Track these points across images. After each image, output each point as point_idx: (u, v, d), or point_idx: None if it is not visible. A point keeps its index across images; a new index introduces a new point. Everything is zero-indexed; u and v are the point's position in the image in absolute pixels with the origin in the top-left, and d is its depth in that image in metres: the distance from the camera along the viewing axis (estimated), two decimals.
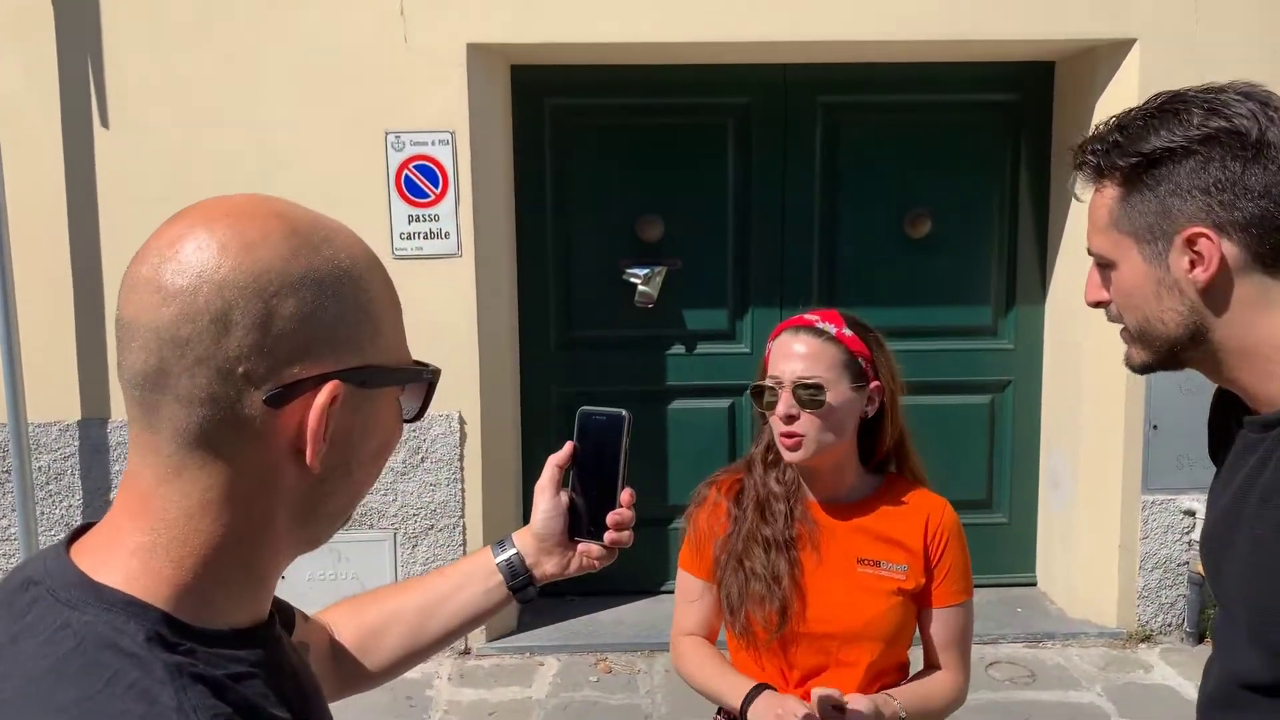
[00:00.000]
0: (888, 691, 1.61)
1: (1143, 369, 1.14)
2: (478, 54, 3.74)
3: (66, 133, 3.67)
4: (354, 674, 1.07)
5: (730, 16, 3.72)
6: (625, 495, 1.08)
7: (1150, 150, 1.03)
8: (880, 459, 1.70)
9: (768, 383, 1.62)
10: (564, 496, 1.10)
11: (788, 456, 1.61)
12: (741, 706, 1.57)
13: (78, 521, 3.81)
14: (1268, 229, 1.00)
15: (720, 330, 4.31)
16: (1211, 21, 3.76)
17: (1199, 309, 1.04)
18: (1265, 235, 1.00)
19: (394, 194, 3.73)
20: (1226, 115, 1.01)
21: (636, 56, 3.98)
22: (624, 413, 1.08)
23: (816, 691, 1.50)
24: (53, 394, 3.75)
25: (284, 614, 0.93)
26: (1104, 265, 1.11)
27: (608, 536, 1.08)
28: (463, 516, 3.93)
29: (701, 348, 4.33)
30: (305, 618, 1.01)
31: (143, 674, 0.61)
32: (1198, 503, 3.98)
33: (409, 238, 3.75)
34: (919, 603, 1.66)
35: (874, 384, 1.63)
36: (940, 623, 1.67)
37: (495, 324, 3.96)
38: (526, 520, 1.14)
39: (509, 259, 4.08)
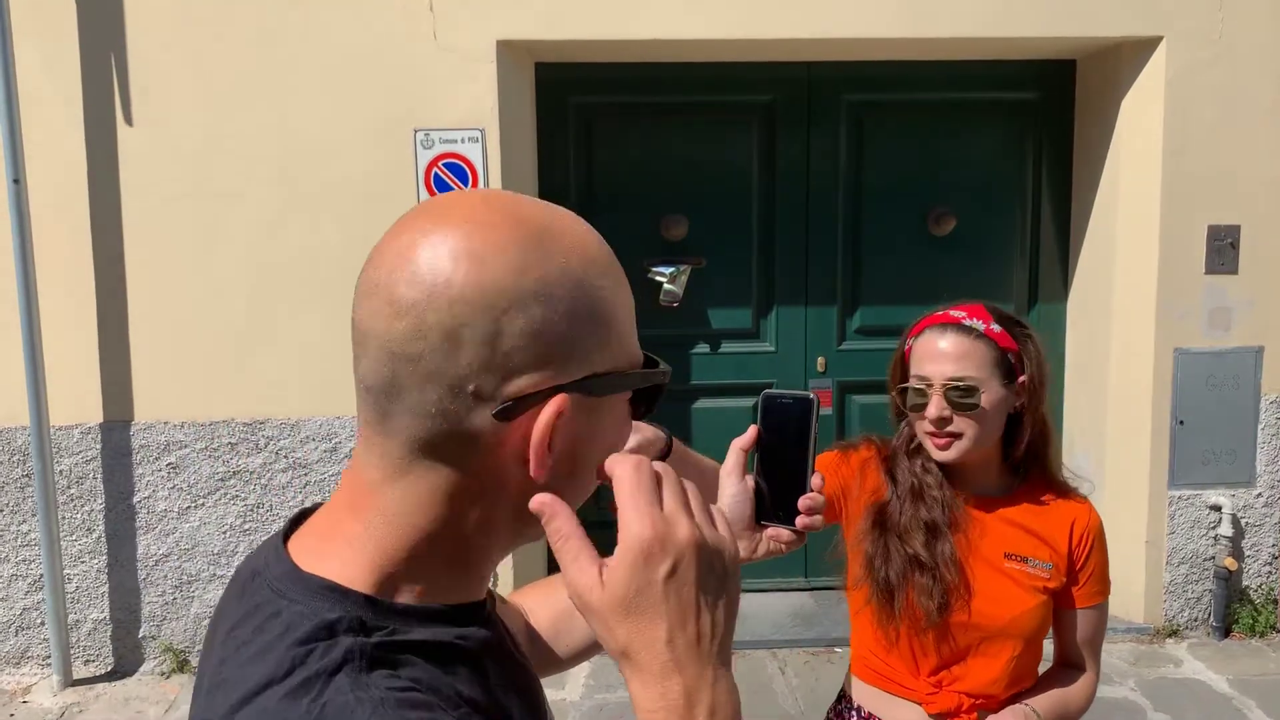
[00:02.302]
0: (1028, 703, 1.59)
1: None
2: (507, 51, 3.71)
3: (89, 128, 3.61)
4: (546, 659, 1.05)
5: (756, 14, 3.71)
6: (816, 479, 1.05)
7: None
8: (1021, 456, 1.64)
9: (914, 384, 1.56)
10: (749, 481, 1.08)
11: (938, 456, 1.57)
12: None
13: (100, 527, 3.76)
14: None
15: (745, 329, 4.29)
16: (1237, 19, 3.79)
17: None
18: None
19: (423, 192, 3.69)
20: None
21: (662, 54, 3.96)
22: (813, 395, 1.05)
23: None
24: (75, 396, 3.68)
25: None
26: None
27: (800, 521, 1.05)
28: None
29: (726, 346, 4.31)
30: (502, 600, 0.98)
31: (326, 657, 0.61)
32: (1224, 498, 4.00)
33: None
34: (1058, 602, 1.63)
35: (1021, 379, 1.58)
36: (1081, 623, 1.64)
37: None
38: None
39: None
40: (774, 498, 1.06)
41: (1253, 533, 4.07)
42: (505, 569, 3.82)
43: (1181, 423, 3.98)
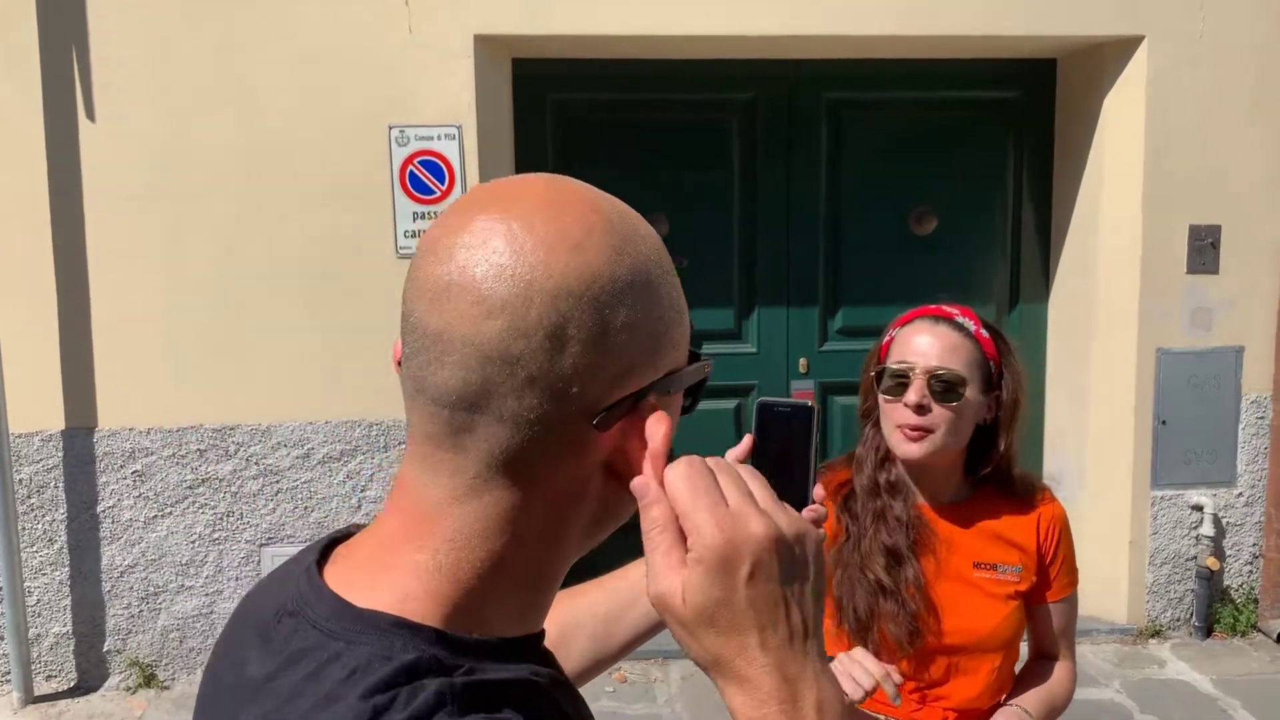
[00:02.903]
0: (1017, 703, 1.55)
1: None
2: (484, 46, 3.62)
3: (49, 126, 3.47)
4: (593, 667, 1.01)
5: (736, 11, 3.65)
6: (818, 491, 1.00)
7: None
8: (983, 472, 1.60)
9: (896, 366, 1.51)
10: None
11: (905, 449, 1.51)
12: None
13: (62, 538, 3.63)
14: None
15: (727, 330, 4.23)
16: (1218, 19, 3.78)
17: None
18: None
19: (398, 190, 3.59)
20: None
21: (641, 51, 3.89)
22: (811, 404, 0.99)
23: None
24: (35, 402, 3.55)
25: None
26: None
27: None
28: None
29: (708, 347, 4.25)
30: None
31: (413, 703, 0.54)
32: (1205, 497, 4.00)
33: (414, 236, 3.61)
34: (1030, 599, 1.60)
35: (996, 392, 1.55)
36: (1054, 616, 1.63)
37: None
38: None
39: None
40: None
41: (1234, 532, 4.07)
42: None
43: (1164, 423, 3.98)
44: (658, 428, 0.61)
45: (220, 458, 3.65)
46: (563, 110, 4.08)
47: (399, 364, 0.64)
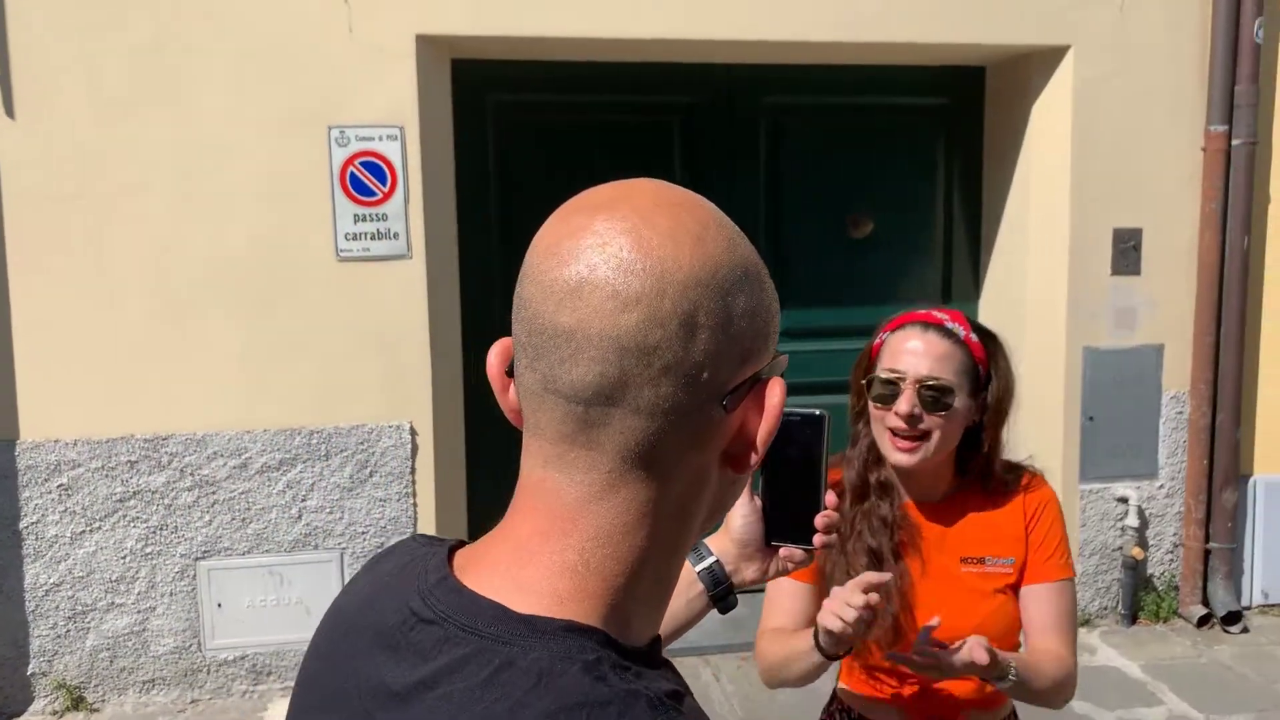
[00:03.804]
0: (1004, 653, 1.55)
1: None
2: (426, 46, 3.57)
3: None
4: None
5: (676, 15, 3.66)
6: (830, 497, 1.04)
7: None
8: (971, 468, 1.62)
9: (886, 375, 1.52)
10: (758, 501, 1.07)
11: (896, 458, 1.52)
12: (815, 643, 1.46)
13: None
14: None
15: None
16: (1139, 31, 3.94)
17: None
18: None
19: (339, 192, 3.51)
20: None
21: (582, 53, 3.88)
22: (823, 413, 1.02)
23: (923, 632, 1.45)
24: None
25: None
26: None
27: (817, 539, 1.04)
28: (412, 535, 3.73)
29: None
30: None
31: (627, 707, 0.55)
32: (1130, 490, 4.17)
33: (355, 238, 3.54)
34: (1023, 582, 1.59)
35: (983, 395, 1.57)
36: (1043, 600, 1.57)
37: (446, 329, 3.78)
38: (477, 535, 1.08)
39: (456, 261, 3.91)
40: (786, 517, 1.05)
41: (1156, 522, 4.25)
42: None
43: (1091, 419, 4.13)
44: (774, 391, 0.64)
45: (153, 469, 3.51)
46: (503, 112, 4.04)
47: (508, 371, 0.65)
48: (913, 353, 1.51)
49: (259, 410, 3.56)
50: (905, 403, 1.50)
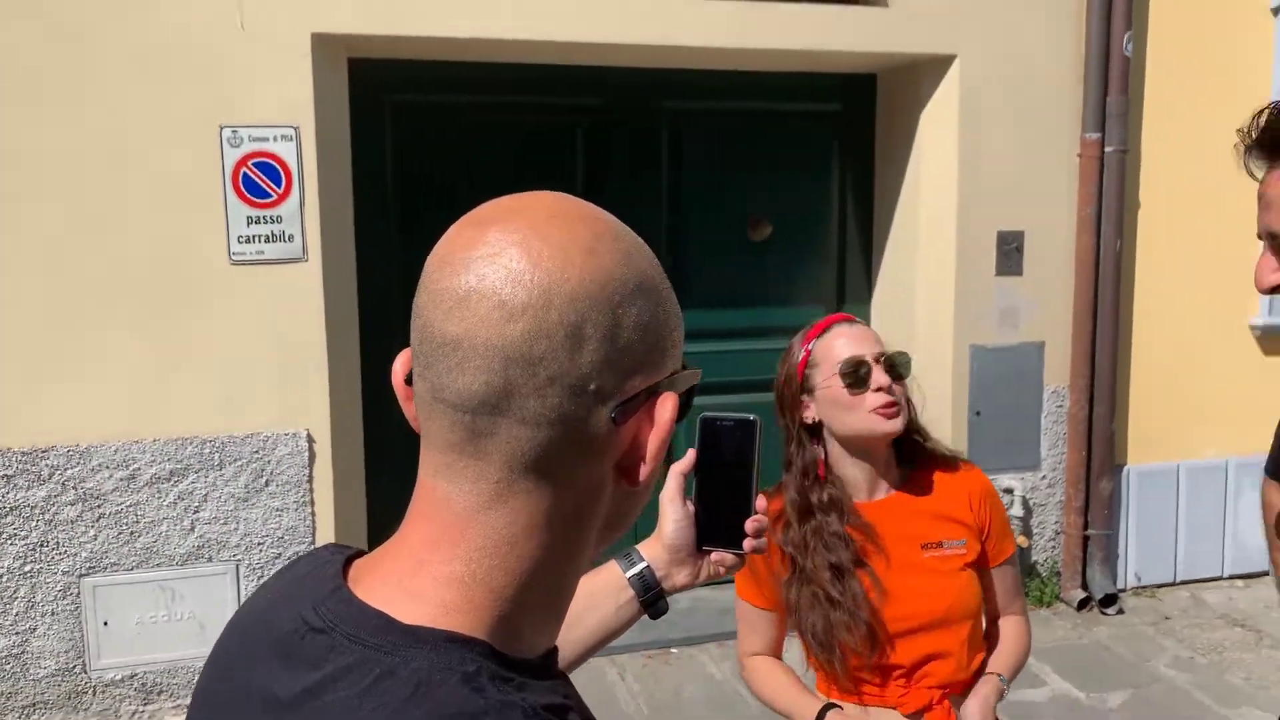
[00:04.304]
0: (990, 671, 1.68)
1: None
2: (322, 44, 3.49)
3: None
4: None
5: (576, 18, 3.67)
6: (760, 501, 1.06)
7: None
8: (913, 457, 1.74)
9: (848, 363, 1.60)
10: (690, 505, 1.08)
11: (887, 427, 1.61)
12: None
13: None
14: None
15: None
16: (1022, 41, 4.13)
17: None
18: None
19: (231, 194, 3.40)
20: None
21: (483, 54, 3.85)
22: (754, 417, 1.05)
23: None
24: None
25: None
26: None
27: (747, 543, 1.05)
28: (313, 543, 3.65)
29: None
30: None
31: (501, 719, 0.56)
32: (1015, 481, 4.36)
33: (248, 241, 3.44)
34: (976, 568, 1.72)
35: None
36: (1000, 579, 1.75)
37: (344, 334, 3.71)
38: (378, 543, 1.10)
39: (353, 265, 3.83)
40: (717, 521, 1.06)
41: (1039, 512, 4.46)
42: None
43: (978, 414, 4.30)
44: (665, 405, 0.64)
45: (32, 483, 3.34)
46: (402, 112, 3.98)
47: (406, 380, 0.66)
48: (857, 339, 1.63)
49: (148, 419, 3.43)
50: (880, 376, 1.60)
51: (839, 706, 1.62)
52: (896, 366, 1.63)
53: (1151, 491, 4.56)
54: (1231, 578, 4.69)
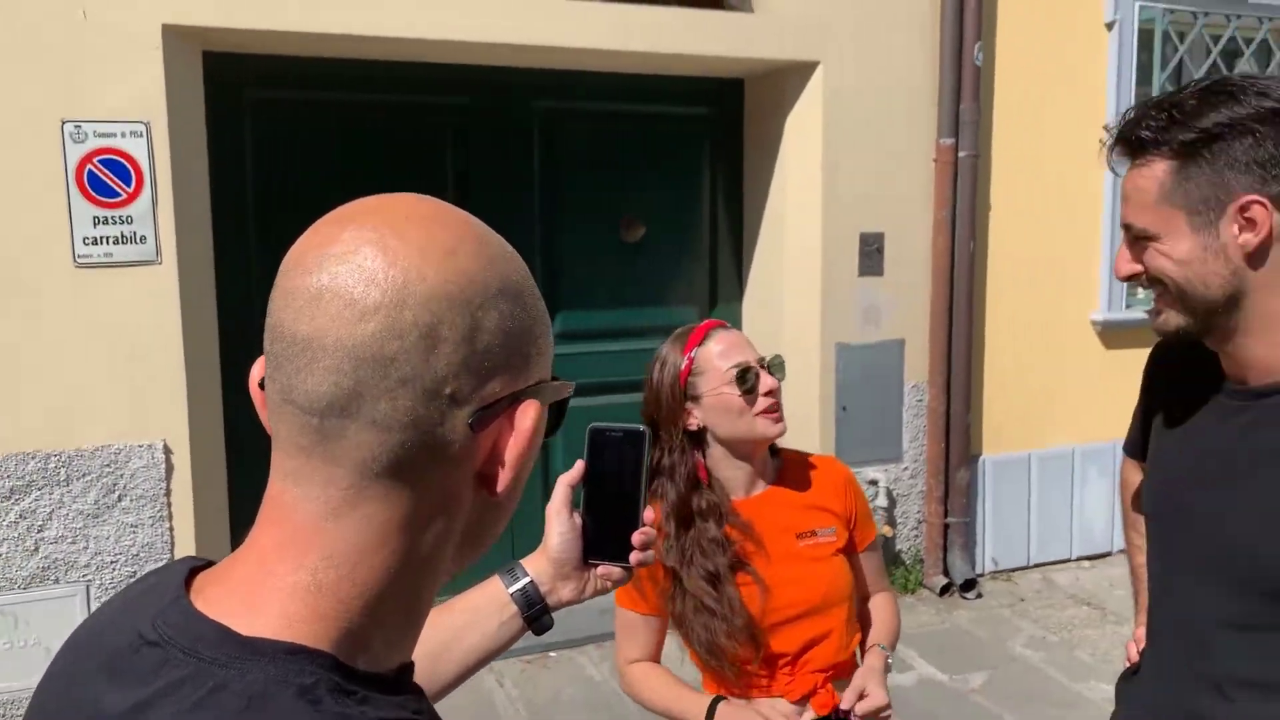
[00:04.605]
0: (872, 644, 1.75)
1: (1175, 334, 1.24)
2: (174, 37, 3.33)
3: None
4: None
5: (445, 16, 3.61)
6: (648, 513, 1.06)
7: (1213, 125, 1.14)
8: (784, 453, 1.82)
9: (737, 368, 1.64)
10: (577, 518, 1.06)
11: (777, 429, 1.67)
12: None
13: None
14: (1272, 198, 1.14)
15: None
16: (879, 49, 4.28)
17: (1241, 272, 1.17)
18: (1268, 205, 1.14)
19: (75, 192, 3.21)
20: (1276, 98, 1.14)
21: (347, 50, 3.75)
22: (644, 429, 1.05)
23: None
24: None
25: None
26: (1143, 238, 1.21)
27: (634, 556, 1.04)
28: (172, 559, 3.48)
29: None
30: None
31: None
32: (879, 473, 4.52)
33: (95, 242, 3.25)
34: (846, 554, 1.79)
35: None
36: (867, 562, 1.83)
37: (201, 340, 3.54)
38: None
39: (211, 267, 3.67)
40: (605, 534, 1.05)
41: (902, 502, 4.64)
42: None
43: (844, 409, 4.44)
44: (526, 414, 0.62)
45: None
46: (263, 109, 3.84)
47: (260, 385, 0.63)
48: (739, 345, 1.68)
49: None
50: (769, 379, 1.66)
51: (726, 699, 1.65)
52: (777, 369, 1.68)
53: (1005, 480, 4.81)
54: (1079, 559, 4.98)
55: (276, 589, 0.58)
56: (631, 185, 4.43)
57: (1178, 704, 1.30)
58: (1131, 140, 1.20)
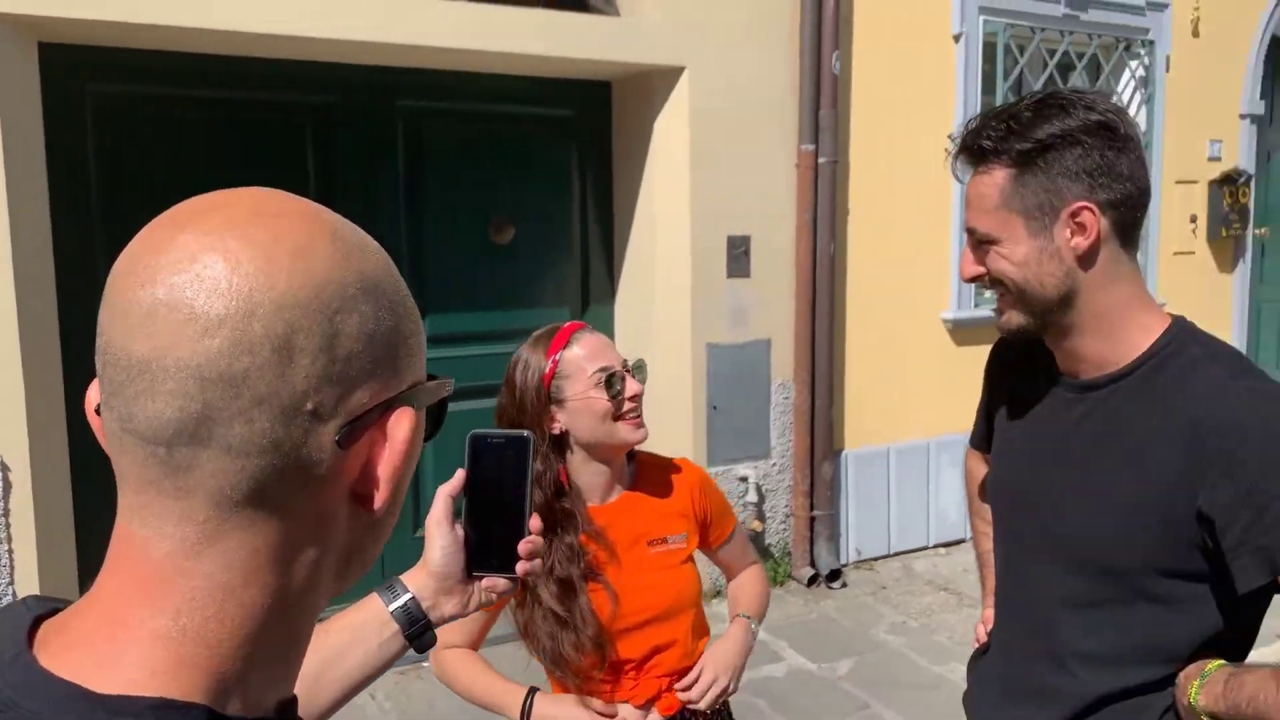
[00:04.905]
0: (740, 612, 1.80)
1: (1017, 332, 1.31)
2: (6, 26, 3.12)
3: None
4: None
5: (299, 11, 3.50)
6: (534, 522, 1.03)
7: (1046, 136, 1.22)
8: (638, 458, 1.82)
9: (603, 373, 1.63)
10: (459, 529, 1.02)
11: (640, 434, 1.67)
12: (523, 715, 1.62)
13: None
14: (1129, 207, 1.24)
15: None
16: (741, 56, 4.38)
17: (1074, 273, 1.25)
18: (1127, 212, 1.24)
19: None
20: (1100, 111, 1.23)
21: (200, 45, 3.59)
22: (527, 433, 1.01)
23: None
24: None
25: None
26: (985, 242, 1.28)
27: (521, 567, 1.01)
28: (12, 584, 3.26)
29: None
30: None
31: None
32: (749, 469, 4.64)
33: None
34: (707, 548, 1.84)
35: None
36: (729, 550, 1.89)
37: (41, 349, 3.33)
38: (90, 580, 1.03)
39: (51, 273, 3.46)
40: (489, 545, 1.02)
41: (771, 497, 4.76)
42: None
43: (715, 408, 4.53)
44: (401, 422, 0.58)
45: None
46: (107, 104, 3.63)
47: (97, 410, 0.57)
48: (604, 349, 1.68)
49: None
50: (636, 384, 1.66)
51: (540, 690, 1.66)
52: (639, 373, 1.69)
53: (866, 472, 5.00)
54: (935, 546, 5.23)
55: (134, 639, 0.52)
56: (501, 187, 4.40)
57: (1023, 678, 1.39)
58: (974, 149, 1.28)
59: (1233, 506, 1.13)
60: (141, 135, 3.70)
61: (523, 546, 1.01)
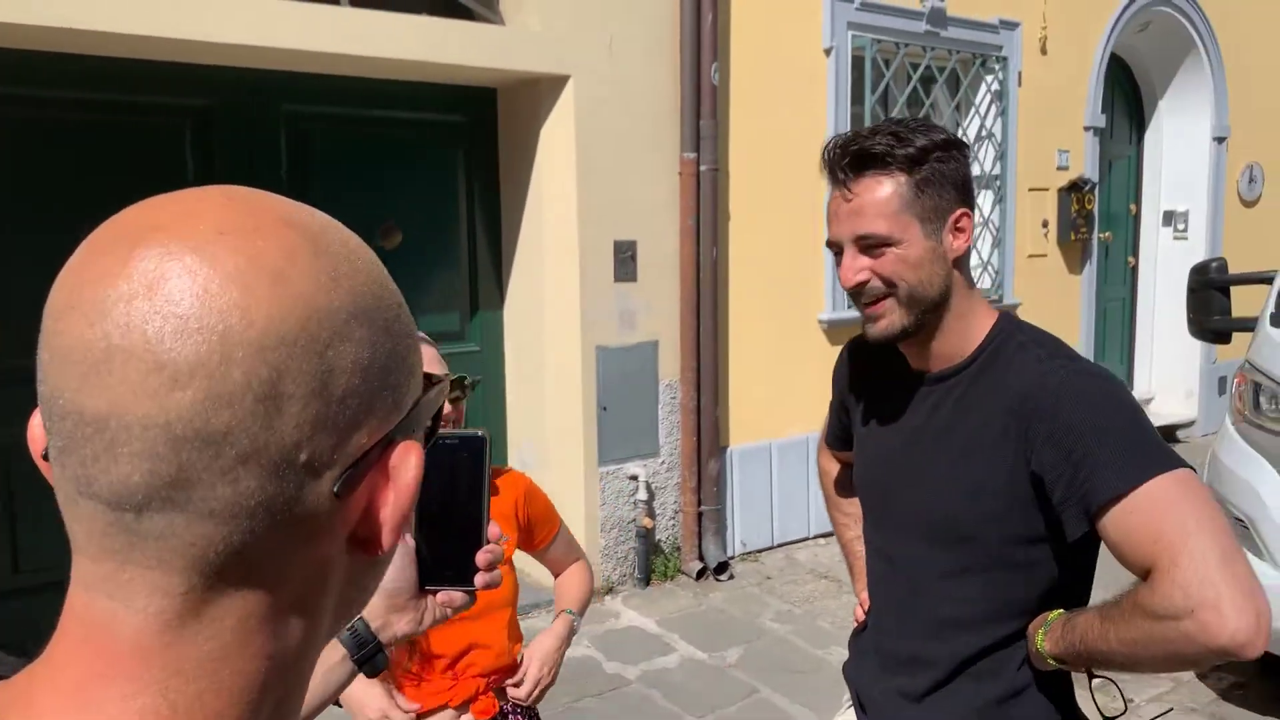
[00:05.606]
0: (564, 608, 1.89)
1: (900, 334, 1.41)
2: None
3: None
4: None
5: (175, 13, 3.43)
6: (493, 529, 0.92)
7: (932, 147, 1.36)
8: None
9: (451, 377, 1.67)
10: (409, 541, 0.92)
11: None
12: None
13: None
14: (971, 211, 1.41)
15: None
16: (625, 64, 4.50)
17: (950, 275, 1.40)
18: (971, 217, 1.41)
19: None
20: (947, 132, 1.41)
21: (69, 45, 3.49)
22: (483, 432, 0.90)
23: None
24: None
25: None
26: (883, 245, 1.37)
27: (480, 578, 0.91)
28: None
29: None
30: None
31: None
32: (639, 468, 4.76)
33: None
34: (532, 550, 1.94)
35: None
36: (554, 550, 1.99)
37: None
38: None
39: None
40: (443, 557, 0.92)
41: (660, 494, 4.90)
42: None
43: (605, 409, 4.63)
44: (407, 461, 0.51)
45: None
46: None
47: (45, 456, 0.48)
48: (434, 361, 1.69)
49: None
50: (454, 409, 1.71)
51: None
52: (471, 388, 1.74)
53: (750, 468, 5.19)
54: (815, 537, 5.46)
55: (116, 717, 0.45)
56: (388, 192, 4.40)
57: (899, 648, 1.53)
58: (868, 157, 1.38)
59: (1056, 465, 1.29)
60: (13, 137, 3.56)
61: (481, 557, 0.91)
